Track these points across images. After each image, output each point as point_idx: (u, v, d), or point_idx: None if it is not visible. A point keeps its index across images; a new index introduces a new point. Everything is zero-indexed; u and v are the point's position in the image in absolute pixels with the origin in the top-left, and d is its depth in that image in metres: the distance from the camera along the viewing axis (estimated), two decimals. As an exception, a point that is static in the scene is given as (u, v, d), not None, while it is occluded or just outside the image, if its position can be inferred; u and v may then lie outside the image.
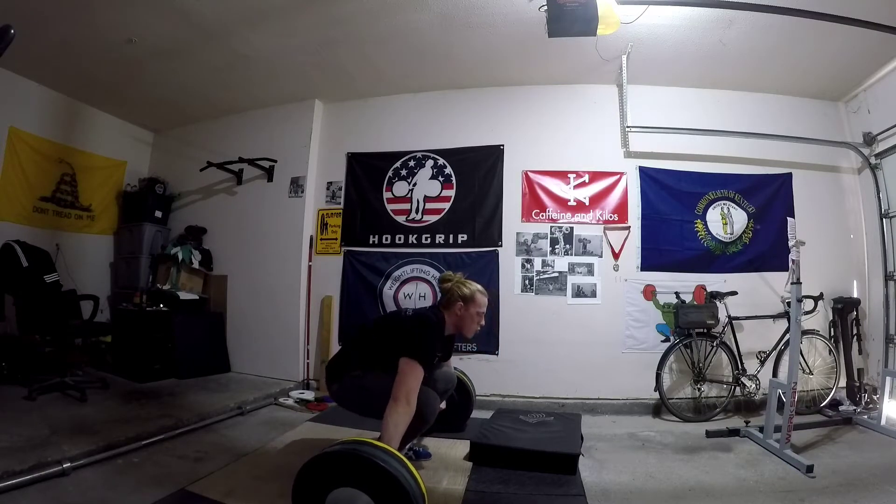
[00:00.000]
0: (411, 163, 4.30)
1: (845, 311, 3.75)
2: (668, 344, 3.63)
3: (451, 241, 4.11)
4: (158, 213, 4.85)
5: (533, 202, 4.04)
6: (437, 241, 4.13)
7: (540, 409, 3.34)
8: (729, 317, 3.57)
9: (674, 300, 3.72)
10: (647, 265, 3.88)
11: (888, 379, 3.20)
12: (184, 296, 4.42)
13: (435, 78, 4.13)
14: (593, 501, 2.07)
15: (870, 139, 3.84)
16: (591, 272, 3.90)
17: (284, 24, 3.37)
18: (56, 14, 3.16)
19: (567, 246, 3.95)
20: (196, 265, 4.54)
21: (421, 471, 2.32)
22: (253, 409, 3.39)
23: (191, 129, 5.06)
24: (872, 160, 3.85)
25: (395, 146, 4.36)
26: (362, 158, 4.43)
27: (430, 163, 4.27)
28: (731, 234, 3.92)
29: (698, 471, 2.44)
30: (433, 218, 4.18)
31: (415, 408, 1.85)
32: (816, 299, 3.64)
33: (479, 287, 2.32)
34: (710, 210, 3.95)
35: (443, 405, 2.76)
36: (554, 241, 3.96)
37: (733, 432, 3.02)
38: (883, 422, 3.09)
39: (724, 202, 3.96)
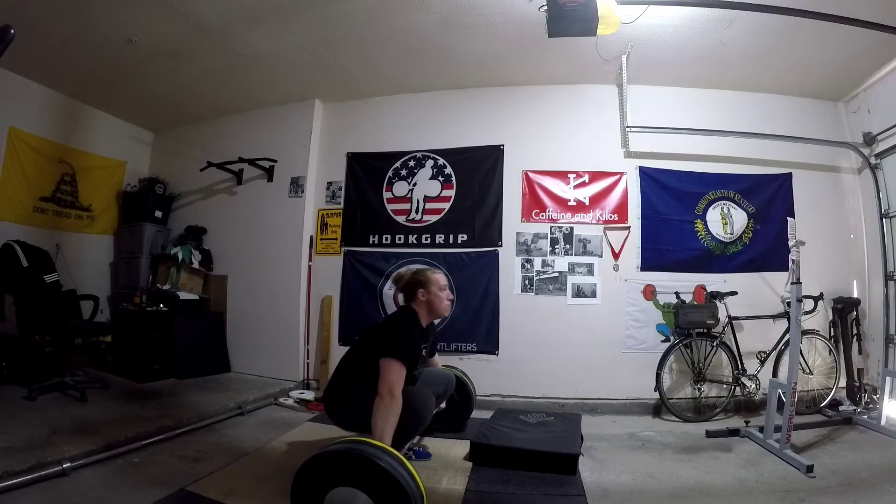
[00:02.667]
0: (411, 163, 4.30)
1: (845, 311, 3.75)
2: (668, 344, 3.63)
3: (451, 241, 4.11)
4: (158, 213, 4.85)
5: (533, 202, 4.04)
6: (437, 241, 4.13)
7: (540, 409, 3.34)
8: (729, 317, 3.57)
9: (674, 300, 3.72)
10: (647, 265, 3.88)
11: (888, 379, 3.21)
12: (184, 296, 4.42)
13: (435, 78, 4.13)
14: (593, 501, 2.07)
15: (870, 139, 3.84)
16: (591, 272, 3.90)
17: (284, 24, 3.37)
18: (56, 14, 3.16)
19: (567, 246, 3.95)
20: (196, 265, 4.54)
21: (421, 471, 2.32)
22: (253, 409, 3.39)
23: (191, 129, 5.06)
24: (872, 160, 3.84)
25: (395, 146, 4.36)
26: (362, 158, 4.43)
27: (430, 163, 4.27)
28: (731, 234, 3.92)
29: (698, 471, 2.44)
30: (433, 218, 4.18)
31: (401, 401, 1.87)
32: (816, 299, 3.64)
33: (431, 268, 2.45)
34: (710, 210, 3.95)
35: (442, 405, 2.76)
36: (554, 241, 3.96)
37: (733, 432, 3.02)
38: (883, 422, 3.09)
39: (724, 202, 3.96)
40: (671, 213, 3.93)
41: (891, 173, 3.76)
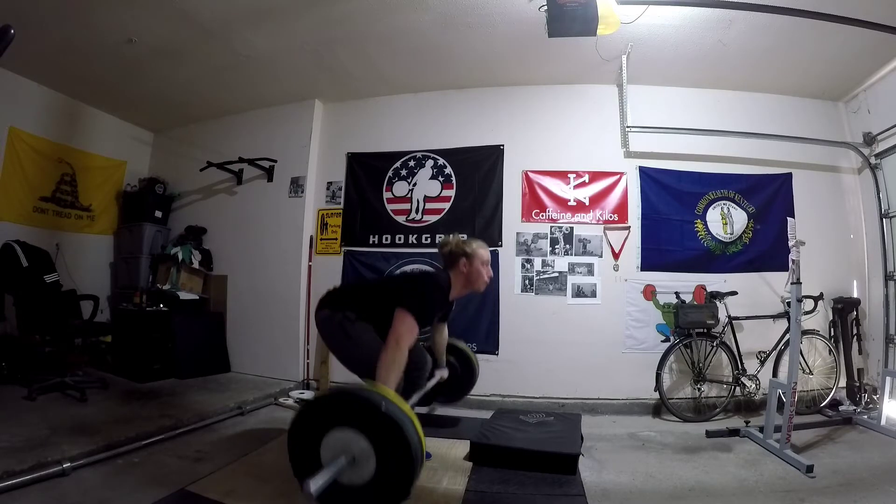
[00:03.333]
0: (411, 163, 4.30)
1: (845, 311, 3.75)
2: (668, 344, 3.63)
3: (451, 241, 4.11)
4: (158, 213, 4.85)
5: (533, 202, 4.04)
6: (437, 241, 4.12)
7: (540, 409, 3.34)
8: (729, 317, 3.57)
9: (674, 300, 3.72)
10: (647, 265, 3.88)
11: (888, 379, 3.21)
12: (184, 296, 4.42)
13: (435, 78, 4.13)
14: (593, 501, 2.07)
15: (870, 139, 3.84)
16: (591, 272, 3.90)
17: (284, 24, 3.37)
18: (56, 14, 3.15)
19: (567, 246, 3.95)
20: (196, 265, 4.54)
21: (421, 470, 2.33)
22: (253, 409, 3.39)
23: (191, 129, 5.06)
24: (872, 160, 3.84)
25: (395, 146, 4.36)
26: (362, 158, 4.43)
27: (430, 163, 4.26)
28: (731, 234, 3.92)
29: (698, 471, 2.44)
30: (433, 218, 4.18)
31: (406, 355, 1.88)
32: (816, 299, 3.64)
33: (480, 242, 2.39)
34: (710, 210, 3.95)
35: (445, 374, 2.76)
36: (554, 241, 3.96)
37: (733, 432, 3.02)
38: (883, 422, 3.09)
39: (724, 202, 3.96)
40: (671, 213, 3.93)
41: (891, 173, 3.76)
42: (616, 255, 3.90)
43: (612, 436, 3.06)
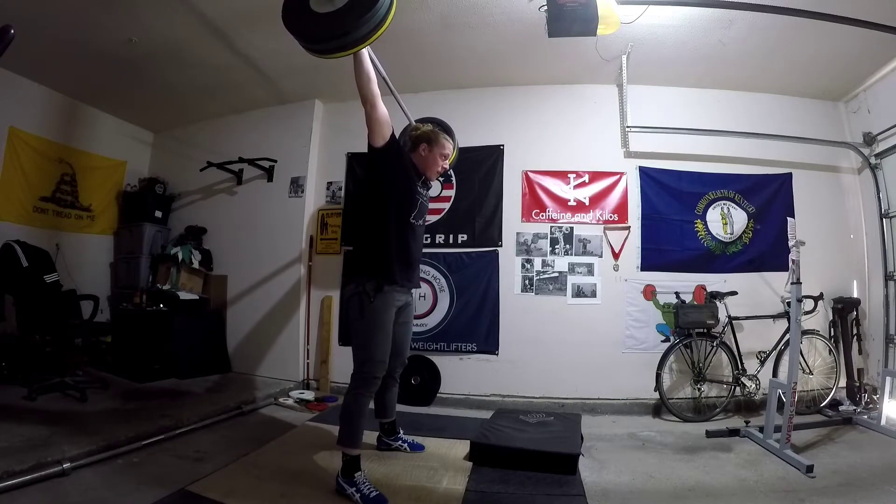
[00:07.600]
0: (411, 163, 4.29)
1: (845, 311, 3.75)
2: (668, 344, 3.63)
3: (451, 240, 4.11)
4: (158, 213, 4.85)
5: (533, 202, 4.03)
6: (437, 241, 4.12)
7: (540, 409, 3.34)
8: (729, 317, 3.57)
9: (674, 300, 3.72)
10: (647, 265, 3.88)
11: (888, 379, 3.21)
12: (184, 296, 4.42)
13: (435, 78, 4.12)
14: (593, 501, 2.07)
15: (870, 139, 3.84)
16: (591, 272, 3.90)
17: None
18: (56, 14, 3.15)
19: (567, 246, 3.95)
20: (196, 265, 4.54)
21: (421, 470, 2.33)
22: (253, 409, 3.39)
23: (191, 129, 5.05)
24: (872, 160, 3.85)
25: (395, 146, 4.35)
26: (362, 159, 4.42)
27: (430, 163, 4.25)
28: (731, 234, 3.92)
29: (698, 471, 2.44)
30: (433, 218, 4.16)
31: (377, 99, 2.09)
32: (816, 299, 3.64)
33: (444, 133, 2.40)
34: (710, 210, 3.95)
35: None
36: (554, 241, 3.96)
37: (733, 432, 3.02)
38: (883, 422, 3.09)
39: (724, 202, 3.96)
40: (671, 213, 3.93)
41: (891, 173, 3.76)
42: (616, 255, 3.90)
43: (612, 436, 3.06)
